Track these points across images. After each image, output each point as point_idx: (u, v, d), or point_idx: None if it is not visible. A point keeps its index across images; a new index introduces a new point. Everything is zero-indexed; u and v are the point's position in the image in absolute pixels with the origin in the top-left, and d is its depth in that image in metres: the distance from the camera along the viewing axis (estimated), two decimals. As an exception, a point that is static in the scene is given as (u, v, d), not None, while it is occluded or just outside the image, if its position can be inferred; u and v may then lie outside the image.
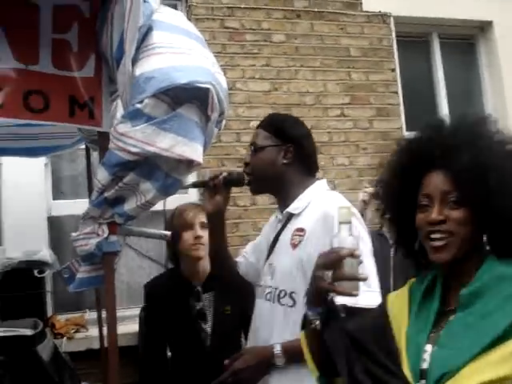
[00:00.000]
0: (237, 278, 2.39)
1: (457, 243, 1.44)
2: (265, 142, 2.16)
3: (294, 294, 1.97)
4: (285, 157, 2.14)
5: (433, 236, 1.46)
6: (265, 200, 4.37)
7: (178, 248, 2.98)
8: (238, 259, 2.40)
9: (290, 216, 2.12)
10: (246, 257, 2.37)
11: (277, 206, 2.27)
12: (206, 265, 2.97)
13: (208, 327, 2.96)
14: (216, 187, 2.18)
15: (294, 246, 2.02)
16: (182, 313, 2.92)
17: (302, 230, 2.02)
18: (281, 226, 2.15)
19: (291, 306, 1.98)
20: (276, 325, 2.02)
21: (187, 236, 2.92)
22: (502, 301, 1.36)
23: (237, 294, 2.83)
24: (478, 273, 1.44)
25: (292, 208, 2.11)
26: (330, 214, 1.97)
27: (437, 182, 1.48)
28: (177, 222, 2.98)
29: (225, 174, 2.19)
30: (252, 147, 2.19)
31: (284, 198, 2.16)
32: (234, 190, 2.26)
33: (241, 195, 2.15)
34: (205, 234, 2.86)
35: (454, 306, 1.46)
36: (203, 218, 2.89)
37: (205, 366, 2.78)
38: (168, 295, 2.98)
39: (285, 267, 2.02)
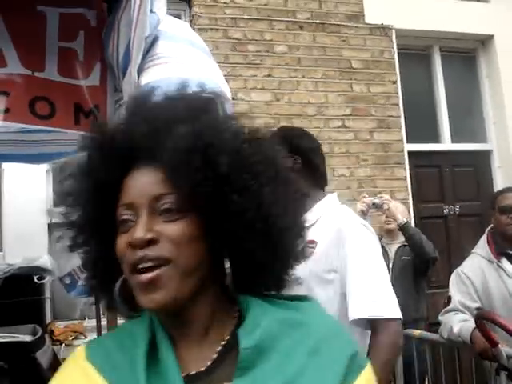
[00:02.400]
0: None
1: (176, 275, 0.94)
2: None
3: None
4: (292, 169, 2.15)
5: (140, 266, 0.94)
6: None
7: None
8: None
9: None
10: None
11: None
12: None
13: None
14: None
15: None
16: None
17: (313, 241, 2.02)
18: None
19: None
20: None
21: None
22: (303, 358, 0.94)
23: None
24: (250, 314, 0.98)
25: None
26: (343, 228, 1.98)
27: (142, 183, 0.97)
28: None
29: None
30: None
31: None
32: None
33: None
34: None
35: (195, 369, 0.96)
36: None
37: None
38: None
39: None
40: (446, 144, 5.93)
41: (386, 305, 1.87)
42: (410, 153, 5.56)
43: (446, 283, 3.38)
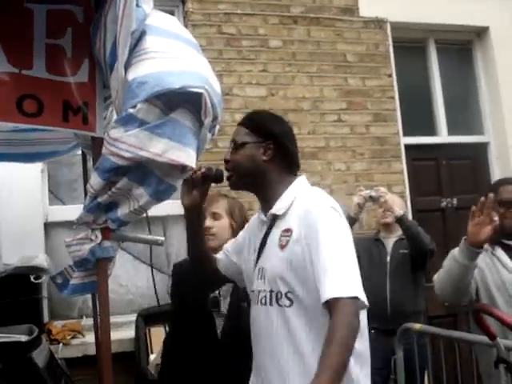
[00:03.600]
0: (217, 273, 2.39)
1: None
2: (244, 138, 2.14)
3: (289, 294, 1.97)
4: (265, 154, 2.12)
5: None
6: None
7: None
8: (218, 256, 2.40)
9: (275, 217, 2.11)
10: (226, 254, 2.37)
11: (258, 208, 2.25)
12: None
13: (221, 317, 2.92)
14: (194, 182, 2.17)
15: (282, 246, 2.01)
16: (199, 298, 2.86)
17: (288, 230, 2.01)
18: (266, 227, 2.14)
19: (289, 306, 1.97)
20: (277, 327, 2.00)
21: None
22: None
23: None
24: None
25: (276, 209, 2.10)
26: (311, 209, 1.96)
27: None
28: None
29: (204, 169, 2.18)
30: (232, 144, 2.19)
31: (266, 197, 2.14)
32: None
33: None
34: (216, 225, 2.88)
35: None
36: (215, 209, 2.91)
37: (210, 355, 2.74)
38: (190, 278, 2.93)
39: (276, 269, 2.01)
40: (443, 137, 5.90)
41: (349, 285, 1.80)
42: (407, 146, 5.54)
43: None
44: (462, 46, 6.19)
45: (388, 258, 4.28)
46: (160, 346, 3.51)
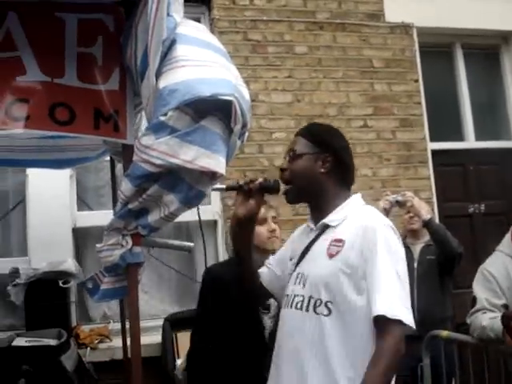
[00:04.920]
0: (259, 286, 2.37)
1: None
2: (303, 149, 2.15)
3: (329, 304, 1.96)
4: (323, 166, 2.12)
5: None
6: (288, 212, 4.37)
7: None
8: (260, 270, 2.38)
9: (326, 227, 2.11)
10: (270, 268, 2.35)
11: (308, 216, 2.25)
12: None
13: (269, 319, 2.93)
14: (250, 192, 2.16)
15: (331, 255, 2.00)
16: (246, 300, 2.86)
17: (340, 240, 2.01)
18: (314, 235, 2.14)
19: (326, 315, 1.96)
20: (308, 333, 2.00)
21: (262, 230, 2.93)
22: None
23: None
24: None
25: (329, 220, 2.10)
26: (370, 226, 1.98)
27: None
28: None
29: (261, 179, 2.17)
30: (290, 154, 2.18)
31: (320, 207, 2.15)
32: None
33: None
34: (277, 228, 2.98)
35: None
36: (274, 213, 3.00)
37: (259, 357, 2.74)
38: (232, 281, 2.93)
39: (320, 276, 2.01)
40: (470, 142, 5.85)
41: (402, 308, 1.86)
42: (434, 151, 5.50)
43: (472, 283, 3.34)
44: (488, 51, 6.13)
45: (415, 264, 4.23)
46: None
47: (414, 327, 1.86)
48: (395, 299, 1.86)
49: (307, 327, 1.99)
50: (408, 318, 1.85)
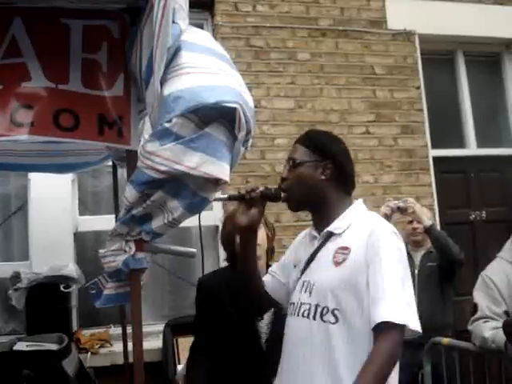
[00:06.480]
0: (264, 294, 2.36)
1: None
2: (303, 157, 2.14)
3: (336, 311, 1.96)
4: (323, 173, 2.12)
5: None
6: (289, 217, 4.38)
7: (235, 249, 2.95)
8: (264, 278, 2.38)
9: (330, 235, 2.11)
10: (274, 276, 2.35)
11: (311, 223, 2.24)
12: (262, 265, 2.92)
13: (264, 326, 2.92)
14: (252, 200, 2.16)
15: (338, 263, 2.00)
16: (239, 307, 2.85)
17: (346, 248, 2.01)
18: (318, 243, 2.14)
19: (333, 323, 1.96)
20: (316, 341, 2.00)
21: None
22: None
23: None
24: None
25: (333, 227, 2.10)
26: (375, 233, 1.98)
27: None
28: (230, 224, 2.95)
29: (262, 188, 2.17)
30: (290, 162, 2.18)
31: (322, 215, 2.15)
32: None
33: (265, 212, 2.14)
34: (259, 235, 2.88)
35: None
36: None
37: (257, 366, 2.73)
38: (226, 288, 2.92)
39: (327, 284, 2.01)
40: (472, 149, 5.86)
41: (407, 312, 1.86)
42: (435, 158, 5.51)
43: (473, 289, 3.35)
44: (490, 58, 6.15)
45: (416, 271, 4.24)
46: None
47: (421, 331, 1.86)
48: (401, 305, 1.86)
49: (314, 335, 1.99)
50: (414, 323, 1.85)
